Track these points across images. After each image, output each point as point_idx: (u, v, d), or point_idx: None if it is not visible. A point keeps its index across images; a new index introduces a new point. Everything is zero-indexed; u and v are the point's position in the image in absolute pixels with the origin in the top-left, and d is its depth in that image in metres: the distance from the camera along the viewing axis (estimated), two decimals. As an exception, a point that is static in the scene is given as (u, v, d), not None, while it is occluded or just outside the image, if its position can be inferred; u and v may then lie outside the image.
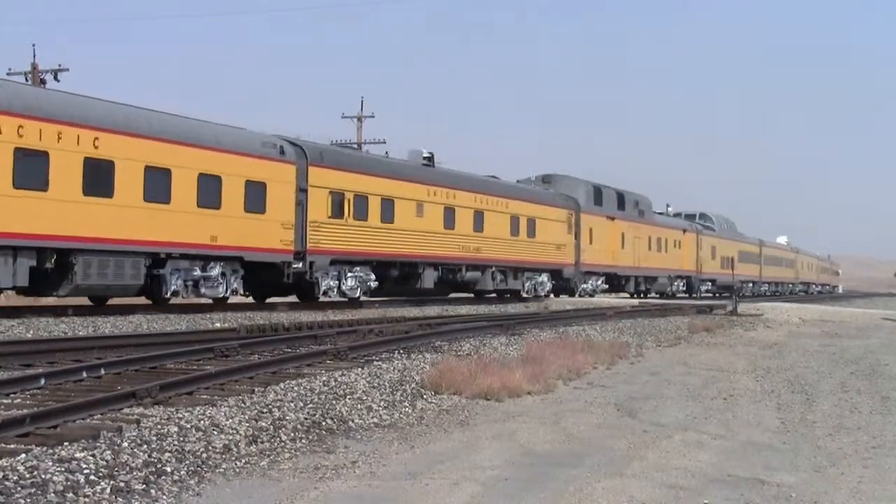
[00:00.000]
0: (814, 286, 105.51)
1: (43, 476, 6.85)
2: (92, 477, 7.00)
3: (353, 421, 10.15)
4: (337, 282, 28.05)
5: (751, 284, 73.09)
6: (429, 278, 32.23)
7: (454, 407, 11.51)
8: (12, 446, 7.62)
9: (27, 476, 6.83)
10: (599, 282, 45.56)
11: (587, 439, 10.02)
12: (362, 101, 55.70)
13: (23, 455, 7.30)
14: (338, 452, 8.82)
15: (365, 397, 11.20)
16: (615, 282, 47.72)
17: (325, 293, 27.62)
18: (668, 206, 60.06)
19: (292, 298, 28.14)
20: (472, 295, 38.13)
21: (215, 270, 23.81)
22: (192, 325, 19.82)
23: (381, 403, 11.08)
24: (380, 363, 13.81)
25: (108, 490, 6.84)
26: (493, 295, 38.48)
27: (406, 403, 11.35)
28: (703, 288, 60.91)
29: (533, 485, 7.93)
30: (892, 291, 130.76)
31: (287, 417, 9.66)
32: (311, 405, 10.32)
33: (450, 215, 33.20)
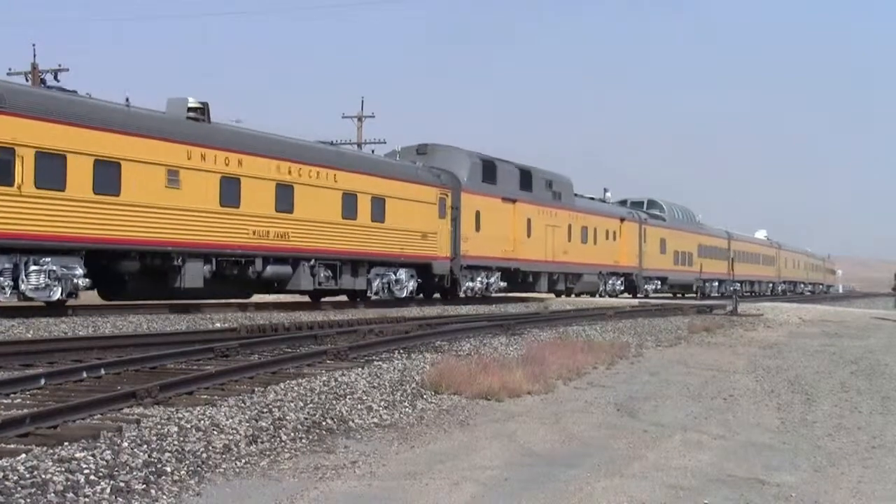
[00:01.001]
0: (802, 286, 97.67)
1: (43, 476, 6.85)
2: (92, 477, 7.00)
3: (353, 421, 10.15)
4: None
5: (716, 283, 65.39)
6: (193, 274, 23.35)
7: (454, 407, 11.51)
8: (12, 446, 7.62)
9: (27, 476, 6.82)
10: (493, 279, 36.35)
11: (587, 439, 10.02)
12: (362, 102, 55.66)
13: (23, 455, 7.30)
14: (338, 452, 8.82)
15: (365, 397, 11.20)
16: (518, 278, 38.58)
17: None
18: (605, 190, 51.64)
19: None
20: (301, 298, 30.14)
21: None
22: (192, 325, 19.83)
23: (381, 403, 11.08)
24: (380, 363, 13.81)
25: (108, 490, 6.84)
26: (307, 297, 29.95)
27: (406, 403, 11.35)
28: (650, 287, 52.67)
29: (533, 485, 7.93)
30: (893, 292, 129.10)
31: (287, 417, 9.66)
32: (311, 405, 10.32)
33: (232, 188, 24.32)
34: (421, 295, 34.01)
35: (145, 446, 7.89)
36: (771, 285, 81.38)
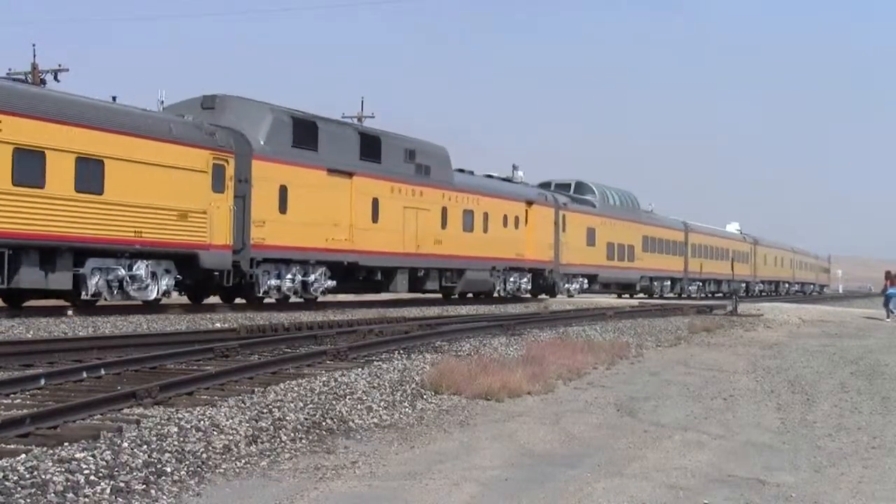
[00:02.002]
0: (787, 285, 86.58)
1: (43, 476, 6.85)
2: (92, 477, 7.00)
3: (353, 421, 10.15)
4: None
5: (668, 282, 56.09)
6: None
7: (454, 407, 11.51)
8: (12, 446, 7.61)
9: (27, 476, 6.82)
10: (314, 276, 27.31)
11: (587, 439, 10.02)
12: (362, 102, 55.60)
13: (23, 455, 7.29)
14: (338, 452, 8.82)
15: (365, 397, 11.20)
16: (356, 275, 29.57)
17: None
18: (515, 168, 41.36)
19: None
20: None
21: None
22: (192, 326, 19.82)
23: (381, 404, 11.08)
24: (380, 363, 13.81)
25: (108, 490, 6.84)
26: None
27: (406, 403, 11.35)
28: (573, 286, 43.78)
29: (533, 485, 7.93)
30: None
31: (287, 418, 9.66)
32: (311, 405, 10.32)
33: None
34: (184, 296, 25.88)
35: (145, 446, 7.89)
36: (745, 285, 69.95)
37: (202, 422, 8.96)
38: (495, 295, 37.28)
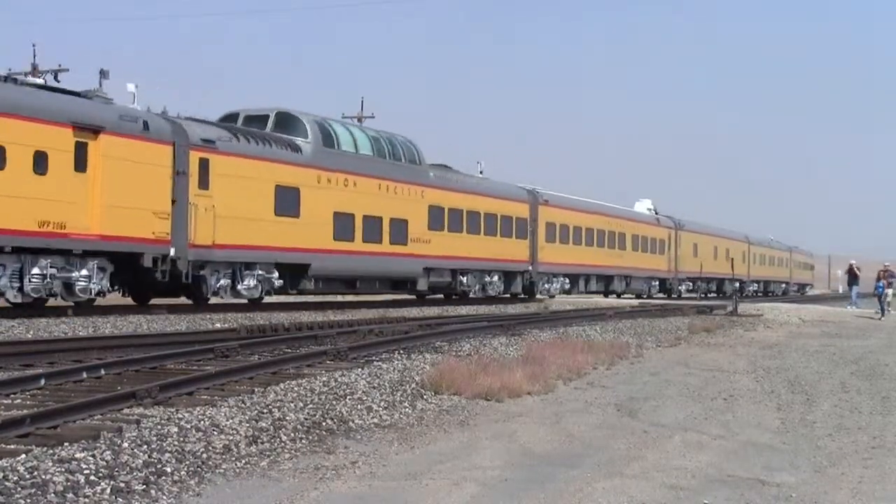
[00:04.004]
0: (745, 283, 67.39)
1: (43, 476, 6.85)
2: (92, 477, 7.00)
3: (353, 421, 10.15)
4: None
5: (496, 276, 36.88)
6: None
7: (454, 407, 11.51)
8: (12, 446, 7.62)
9: (27, 476, 6.82)
10: None
11: (587, 439, 10.02)
12: (362, 102, 55.47)
13: (23, 455, 7.30)
14: (338, 453, 8.82)
15: (365, 398, 11.20)
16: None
17: None
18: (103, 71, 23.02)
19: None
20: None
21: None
22: (192, 326, 19.82)
23: (381, 404, 11.08)
24: (380, 363, 13.81)
25: (108, 490, 6.84)
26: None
27: (406, 404, 11.35)
28: (223, 284, 25.00)
29: (533, 485, 7.93)
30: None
31: (287, 418, 9.66)
32: (311, 405, 10.32)
33: None
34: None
35: (145, 447, 7.89)
36: (656, 283, 52.56)
37: (202, 422, 8.96)
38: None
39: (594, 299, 41.69)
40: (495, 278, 37.07)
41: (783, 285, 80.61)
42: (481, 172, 38.96)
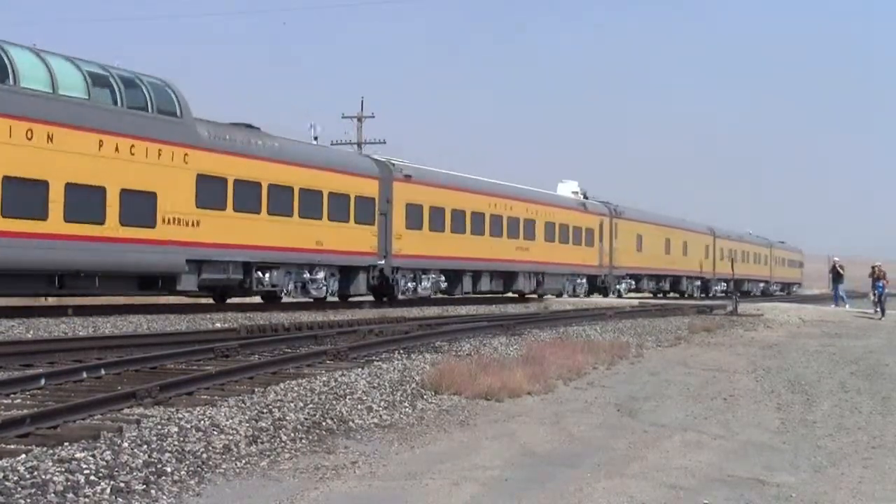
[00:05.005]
0: (710, 282, 59.68)
1: (43, 476, 6.86)
2: (92, 477, 7.00)
3: (353, 421, 10.15)
4: None
5: (284, 273, 26.69)
6: None
7: (454, 407, 11.51)
8: (12, 446, 7.62)
9: (27, 476, 6.83)
10: None
11: (587, 439, 10.02)
12: (362, 102, 55.05)
13: (23, 455, 7.30)
14: (338, 453, 8.82)
15: (365, 397, 11.20)
16: None
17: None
18: None
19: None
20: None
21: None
22: (192, 326, 19.83)
23: (382, 404, 11.08)
24: (380, 363, 13.81)
25: (108, 490, 6.84)
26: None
27: (406, 404, 11.35)
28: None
29: (533, 485, 7.93)
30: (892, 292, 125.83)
31: (287, 418, 9.66)
32: (311, 405, 10.32)
33: None
34: None
35: (145, 446, 7.89)
36: (583, 280, 43.87)
37: (202, 422, 8.96)
38: None
39: (593, 299, 41.58)
40: (321, 275, 27.44)
41: (761, 284, 70.74)
42: (316, 139, 33.29)
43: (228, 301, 26.20)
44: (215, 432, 8.70)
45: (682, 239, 55.52)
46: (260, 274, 25.66)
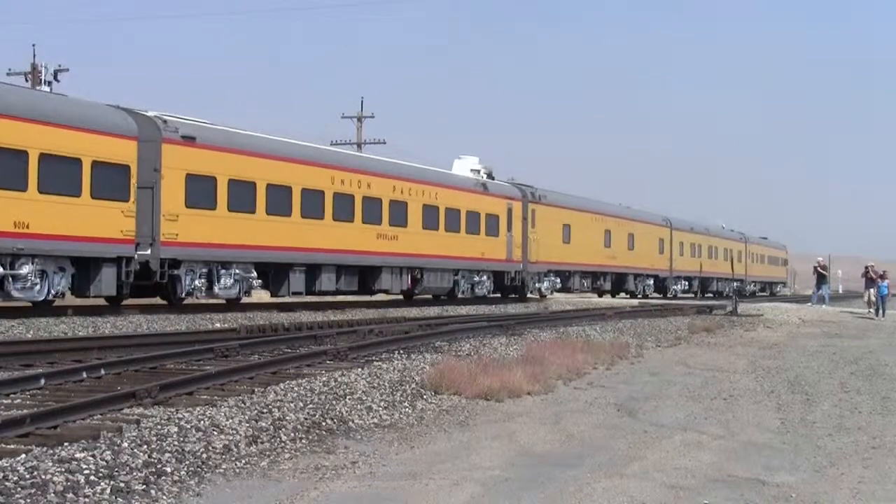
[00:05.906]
0: (667, 279, 52.76)
1: (43, 476, 6.85)
2: (92, 477, 7.00)
3: (353, 421, 10.15)
4: None
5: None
6: None
7: (454, 407, 11.51)
8: (12, 446, 7.62)
9: (27, 476, 6.82)
10: None
11: (587, 439, 10.02)
12: (362, 102, 55.17)
13: (23, 455, 7.30)
14: (338, 453, 8.82)
15: (365, 397, 11.20)
16: None
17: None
18: None
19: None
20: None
21: None
22: (192, 326, 19.83)
23: (381, 404, 11.08)
24: (380, 363, 13.81)
25: (108, 490, 6.84)
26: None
27: (406, 404, 11.35)
28: None
29: (533, 485, 7.93)
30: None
31: (287, 418, 9.66)
32: (311, 405, 10.32)
33: None
34: None
35: (145, 446, 7.89)
36: (485, 277, 36.19)
37: (202, 422, 8.96)
38: None
39: (592, 299, 41.50)
40: (25, 270, 19.71)
41: (735, 283, 56.38)
42: (49, 84, 26.97)
43: (228, 301, 26.14)
44: (215, 432, 8.70)
45: (626, 230, 47.51)
46: None
